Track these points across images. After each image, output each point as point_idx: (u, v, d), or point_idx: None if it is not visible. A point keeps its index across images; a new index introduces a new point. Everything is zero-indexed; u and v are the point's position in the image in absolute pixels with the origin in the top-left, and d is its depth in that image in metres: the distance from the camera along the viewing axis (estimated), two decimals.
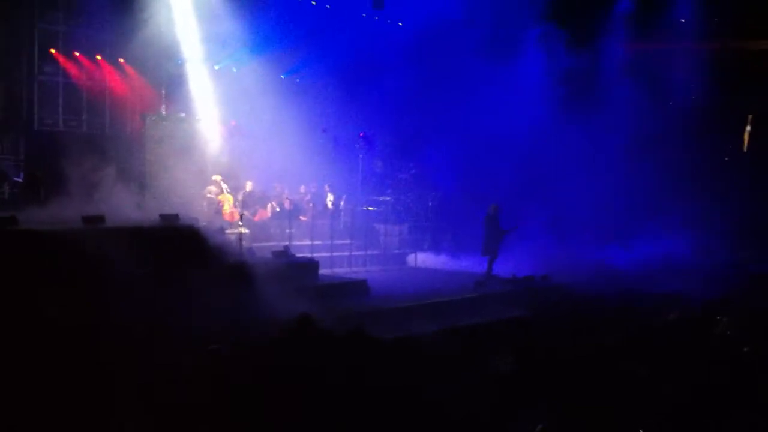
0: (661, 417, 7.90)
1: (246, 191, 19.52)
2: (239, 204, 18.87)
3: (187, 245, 12.66)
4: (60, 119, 18.83)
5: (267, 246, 17.11)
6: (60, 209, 12.98)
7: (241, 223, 16.61)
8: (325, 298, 14.01)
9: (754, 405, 8.21)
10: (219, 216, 18.24)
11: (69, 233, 11.33)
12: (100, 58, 19.22)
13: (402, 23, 23.26)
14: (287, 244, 17.47)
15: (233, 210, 18.58)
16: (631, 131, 22.70)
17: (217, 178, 19.01)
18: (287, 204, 19.55)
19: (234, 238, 15.93)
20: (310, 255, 17.35)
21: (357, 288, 15.95)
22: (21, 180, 17.23)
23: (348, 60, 21.65)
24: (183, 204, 16.07)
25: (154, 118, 19.71)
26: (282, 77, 22.18)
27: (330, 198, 21.02)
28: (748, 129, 24.96)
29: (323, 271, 16.52)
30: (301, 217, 19.89)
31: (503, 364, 9.07)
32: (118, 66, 19.46)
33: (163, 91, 20.21)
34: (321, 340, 9.79)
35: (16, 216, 11.46)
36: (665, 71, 23.94)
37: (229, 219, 18.26)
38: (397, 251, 21.16)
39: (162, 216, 13.20)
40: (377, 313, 13.94)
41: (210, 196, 18.68)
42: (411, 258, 21.01)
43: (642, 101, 22.96)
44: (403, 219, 22.05)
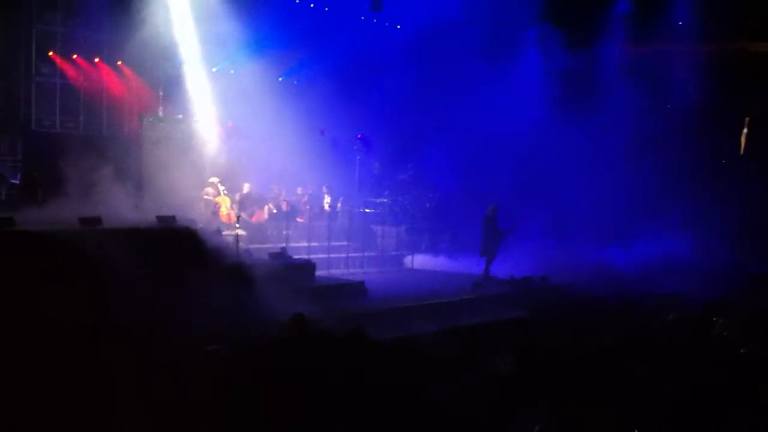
0: (661, 417, 7.89)
1: (243, 193, 19.50)
2: (236, 205, 18.84)
3: (185, 246, 12.66)
4: (57, 120, 18.81)
5: (264, 248, 17.07)
6: (57, 210, 12.93)
7: (238, 225, 16.58)
8: (323, 299, 14.00)
9: (754, 405, 8.21)
10: (216, 217, 18.22)
11: (66, 234, 11.30)
12: (97, 59, 19.19)
13: (400, 25, 23.28)
14: (284, 245, 17.41)
15: (230, 211, 18.56)
16: (630, 132, 22.71)
17: (215, 179, 19.01)
18: (284, 205, 19.52)
19: (231, 239, 15.90)
20: (307, 256, 17.32)
21: (354, 289, 15.93)
22: (18, 181, 17.18)
23: (346, 61, 21.68)
24: (180, 205, 16.01)
25: (151, 119, 19.68)
26: (280, 79, 22.20)
27: (327, 200, 20.98)
28: (745, 131, 24.98)
29: (320, 273, 16.49)
30: (298, 219, 19.86)
31: (503, 364, 9.06)
32: (115, 67, 19.44)
33: (161, 93, 20.19)
34: (320, 340, 9.78)
35: (13, 217, 11.44)
36: (663, 72, 23.98)
37: (226, 221, 18.23)
38: (395, 253, 21.11)
39: (159, 217, 13.16)
40: (375, 314, 13.94)
41: (207, 197, 18.66)
42: (408, 259, 20.96)
43: (641, 102, 22.97)
44: (401, 220, 22.00)
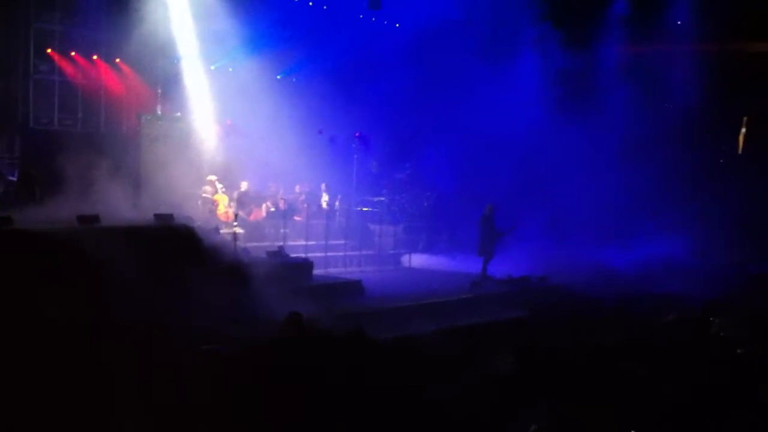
0: (661, 417, 7.90)
1: (241, 191, 19.47)
2: (234, 203, 18.82)
3: (183, 245, 12.68)
4: (55, 118, 18.72)
5: (261, 246, 17.06)
6: (55, 208, 12.89)
7: (236, 223, 16.55)
8: (320, 298, 14.00)
9: (754, 405, 8.22)
10: (214, 216, 18.21)
11: (64, 233, 11.28)
12: (96, 57, 19.13)
13: (398, 24, 23.26)
14: (282, 244, 17.42)
15: (228, 210, 18.53)
16: (629, 132, 22.73)
17: (213, 177, 18.99)
18: (282, 204, 19.52)
19: (229, 237, 15.88)
20: (304, 255, 17.31)
21: (352, 288, 15.97)
22: (15, 179, 17.14)
23: (344, 60, 21.66)
24: (178, 203, 15.99)
25: (149, 117, 19.63)
26: (278, 77, 22.15)
27: (325, 198, 20.97)
28: (743, 131, 24.99)
29: (318, 272, 16.55)
30: (296, 217, 19.84)
31: (503, 364, 9.06)
32: (113, 65, 19.36)
33: (159, 90, 20.11)
34: (319, 339, 9.77)
35: (11, 215, 11.41)
36: (662, 72, 23.96)
37: (224, 219, 18.21)
38: (392, 252, 21.13)
39: (157, 215, 13.16)
40: (373, 313, 13.98)
41: (205, 195, 18.65)
42: (406, 258, 20.98)
43: (639, 102, 23.00)
44: (399, 219, 22.02)
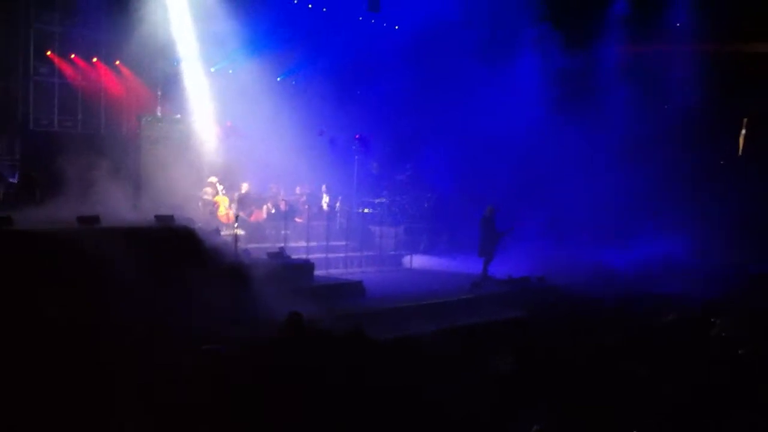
0: (661, 417, 7.89)
1: (241, 192, 19.45)
2: (235, 205, 18.82)
3: (183, 246, 12.68)
4: (55, 120, 18.74)
5: (262, 247, 17.05)
6: (55, 210, 12.92)
7: (237, 225, 16.55)
8: (321, 299, 13.99)
9: (754, 405, 8.21)
10: (214, 217, 18.20)
11: (64, 234, 11.30)
12: (95, 59, 19.14)
13: (398, 26, 23.28)
14: (282, 245, 17.41)
15: (228, 211, 18.53)
16: (628, 132, 22.73)
17: (213, 179, 18.98)
18: (283, 205, 19.51)
19: (229, 239, 15.88)
20: (305, 256, 17.31)
21: (353, 289, 15.95)
22: (16, 181, 17.16)
23: (344, 62, 21.70)
24: (178, 205, 15.99)
25: (149, 119, 19.63)
26: (278, 79, 22.16)
27: (325, 199, 20.97)
28: (743, 132, 24.98)
29: (318, 273, 16.51)
30: (297, 219, 19.84)
31: (503, 364, 9.06)
32: (113, 67, 19.38)
33: (159, 92, 20.13)
34: (320, 340, 9.77)
35: (11, 216, 11.43)
36: (661, 73, 23.98)
37: (225, 220, 18.21)
38: (393, 253, 21.11)
39: (157, 217, 13.17)
40: (374, 314, 13.96)
41: (206, 197, 18.64)
42: (407, 259, 20.95)
43: (638, 103, 23.00)
44: (399, 220, 22.02)
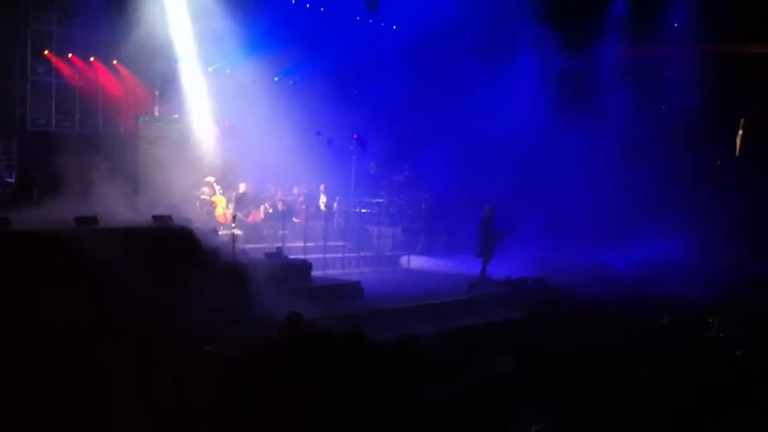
0: (661, 417, 7.89)
1: (239, 192, 19.43)
2: (232, 205, 18.80)
3: (181, 246, 12.66)
4: (53, 120, 18.71)
5: (260, 247, 17.01)
6: (53, 210, 12.88)
7: (234, 225, 16.54)
8: (319, 299, 13.94)
9: (754, 405, 8.21)
10: (212, 217, 18.19)
11: (62, 234, 11.27)
12: (93, 59, 19.11)
13: (396, 26, 23.29)
14: (280, 245, 17.41)
15: (226, 211, 18.51)
16: (627, 133, 22.76)
17: (211, 179, 18.95)
18: (280, 205, 19.50)
19: (227, 239, 15.86)
20: (303, 257, 17.28)
21: (350, 289, 15.92)
22: (13, 180, 17.14)
23: (342, 62, 21.68)
24: (176, 205, 15.97)
25: (147, 119, 19.62)
26: (276, 79, 22.16)
27: (323, 199, 20.95)
28: (740, 132, 25.01)
29: (316, 273, 16.49)
30: (294, 219, 19.82)
31: (503, 363, 9.05)
32: (111, 67, 19.35)
33: (157, 92, 20.08)
34: (319, 340, 9.76)
35: (8, 217, 11.40)
36: (660, 74, 24.02)
37: (222, 220, 18.19)
38: (390, 253, 21.11)
39: (155, 217, 13.15)
40: (371, 314, 13.96)
41: (203, 197, 18.62)
42: (404, 260, 20.97)
43: (637, 103, 23.03)
44: (397, 221, 22.04)
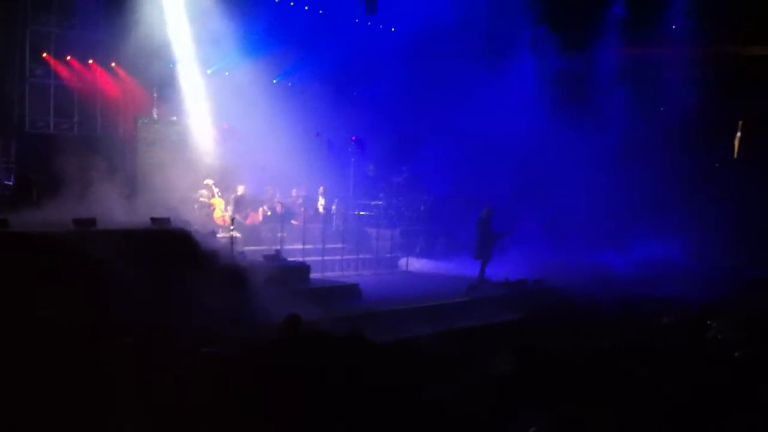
0: (661, 417, 7.89)
1: (238, 194, 19.42)
2: (231, 207, 18.79)
3: (179, 248, 12.65)
4: (51, 122, 18.72)
5: (258, 250, 17.00)
6: (52, 212, 12.87)
7: (233, 227, 16.54)
8: (317, 301, 13.90)
9: (754, 405, 8.21)
10: (210, 219, 18.18)
11: (61, 236, 11.27)
12: (91, 61, 19.10)
13: (394, 27, 23.30)
14: (279, 248, 17.37)
15: (224, 213, 18.51)
16: (626, 135, 22.81)
17: (209, 181, 18.94)
18: (279, 208, 19.50)
19: (226, 241, 15.85)
20: (301, 259, 17.26)
21: (349, 291, 15.91)
22: (12, 182, 17.14)
23: (340, 64, 21.67)
24: (175, 207, 15.97)
25: (146, 121, 19.65)
26: (274, 81, 22.17)
27: (321, 202, 20.95)
28: (738, 134, 25.04)
29: (315, 275, 16.46)
30: (293, 221, 19.81)
31: (503, 363, 9.05)
32: (109, 69, 19.36)
33: (155, 94, 20.09)
34: (319, 340, 9.76)
35: (7, 218, 11.41)
36: (658, 75, 24.06)
37: (221, 222, 18.20)
38: (389, 255, 21.07)
39: (153, 219, 13.14)
40: (370, 316, 13.95)
41: (202, 199, 18.61)
42: (403, 262, 20.96)
43: (635, 105, 23.07)
44: (395, 223, 22.03)
